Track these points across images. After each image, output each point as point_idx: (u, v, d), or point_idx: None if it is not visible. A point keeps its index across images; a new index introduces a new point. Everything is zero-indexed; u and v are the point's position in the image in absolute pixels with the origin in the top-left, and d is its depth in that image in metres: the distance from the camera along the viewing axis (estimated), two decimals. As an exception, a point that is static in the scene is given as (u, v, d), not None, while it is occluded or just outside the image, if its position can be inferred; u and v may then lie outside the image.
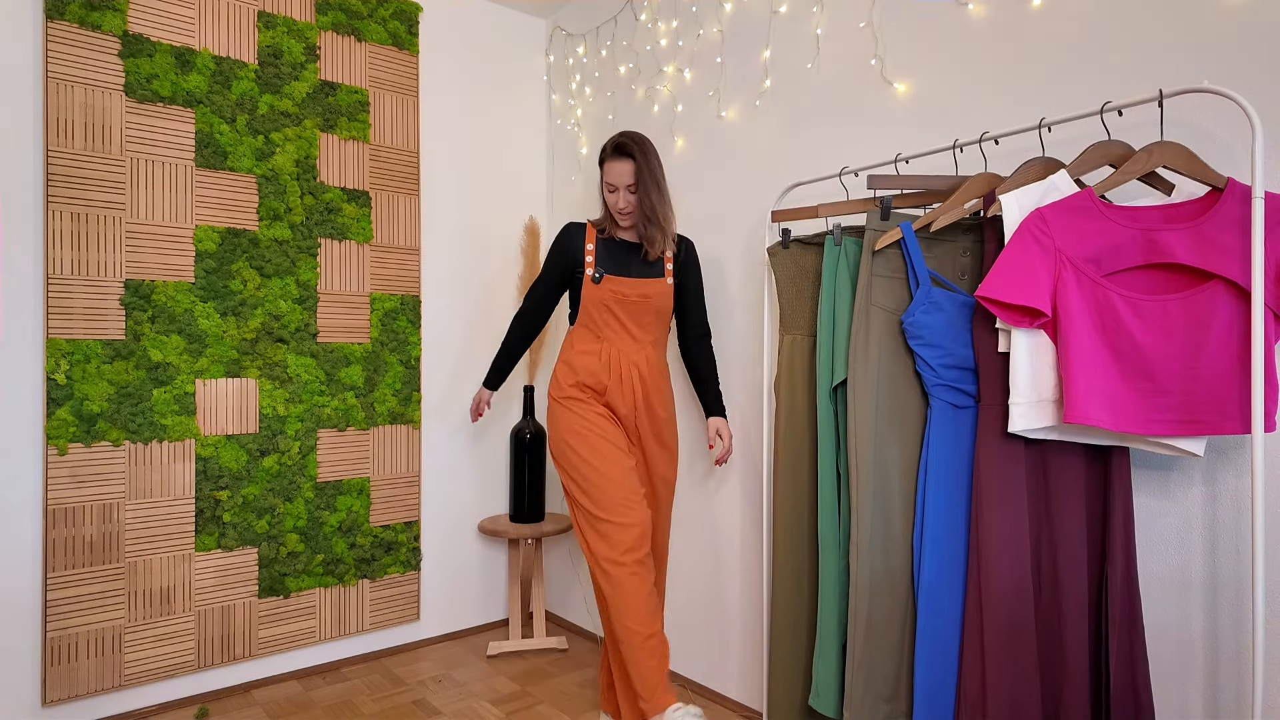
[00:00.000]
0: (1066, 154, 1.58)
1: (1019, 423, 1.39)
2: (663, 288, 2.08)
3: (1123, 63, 1.51)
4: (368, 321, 2.64)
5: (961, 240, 1.61)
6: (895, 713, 1.61)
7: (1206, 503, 1.42)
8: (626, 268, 2.08)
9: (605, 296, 2.04)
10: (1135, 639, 1.38)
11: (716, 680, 2.40)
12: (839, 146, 2.05)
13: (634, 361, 2.05)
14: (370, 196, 2.65)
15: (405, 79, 2.74)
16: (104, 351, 2.15)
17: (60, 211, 2.10)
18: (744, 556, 2.31)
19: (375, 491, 2.67)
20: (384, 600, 2.69)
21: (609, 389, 2.03)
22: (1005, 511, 1.45)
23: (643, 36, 2.71)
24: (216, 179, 2.35)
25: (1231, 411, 1.25)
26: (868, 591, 1.59)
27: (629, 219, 2.05)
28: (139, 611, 2.22)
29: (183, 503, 2.29)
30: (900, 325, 1.61)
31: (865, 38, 1.98)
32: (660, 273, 2.10)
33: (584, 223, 2.13)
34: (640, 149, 2.00)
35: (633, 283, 2.05)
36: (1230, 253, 1.24)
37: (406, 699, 2.37)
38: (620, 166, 2.00)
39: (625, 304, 2.05)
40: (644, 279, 2.07)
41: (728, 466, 2.36)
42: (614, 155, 2.02)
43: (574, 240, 2.11)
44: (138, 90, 2.21)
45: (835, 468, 1.72)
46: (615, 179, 2.01)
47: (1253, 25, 1.36)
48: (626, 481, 1.93)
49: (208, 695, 2.36)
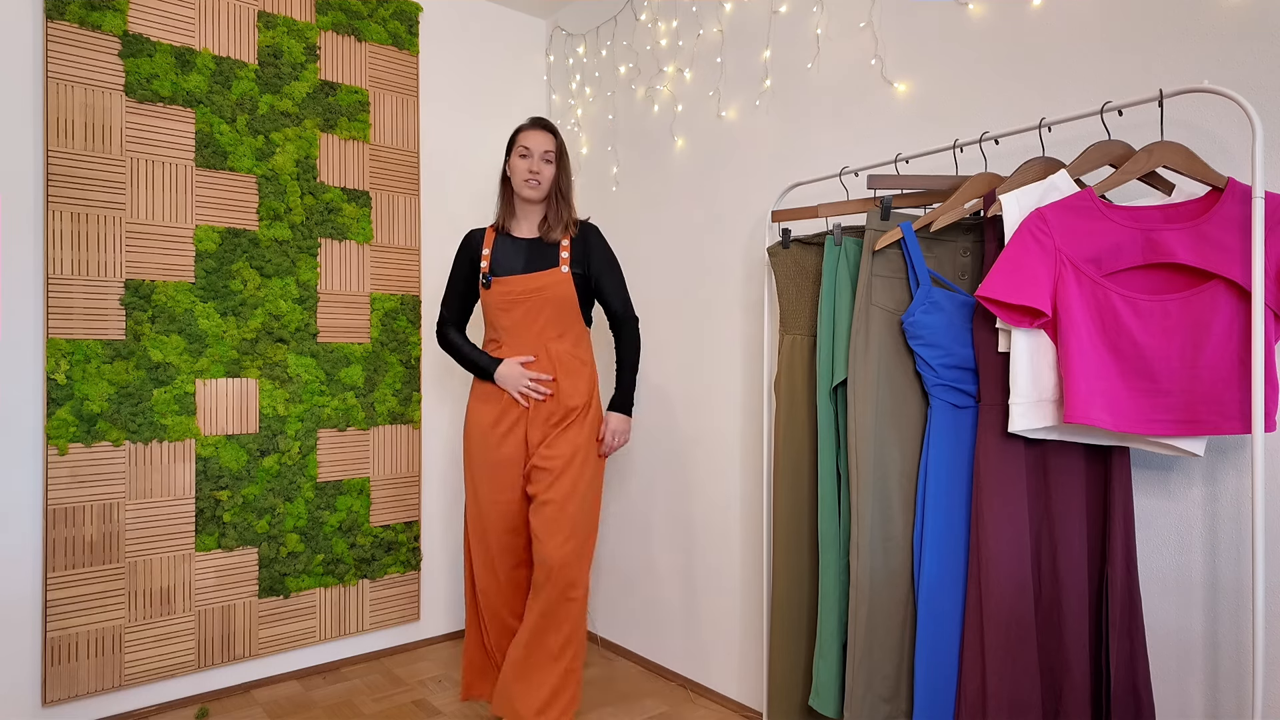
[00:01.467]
0: (1066, 154, 1.58)
1: (1019, 422, 1.39)
2: (557, 277, 2.01)
3: (1123, 63, 1.51)
4: (368, 321, 2.64)
5: (961, 240, 1.61)
6: (895, 713, 1.61)
7: (1206, 503, 1.42)
8: (517, 264, 2.05)
9: (495, 299, 2.03)
10: (1135, 639, 1.38)
11: (716, 680, 2.40)
12: (839, 146, 2.05)
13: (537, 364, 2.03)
14: (370, 196, 2.65)
15: (405, 79, 2.74)
16: (104, 351, 2.16)
17: (60, 211, 2.10)
18: (744, 556, 2.31)
19: (375, 491, 2.67)
20: (384, 600, 2.69)
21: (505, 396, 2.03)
22: (1005, 511, 1.45)
23: (643, 36, 2.71)
24: (216, 179, 2.35)
25: (1231, 411, 1.25)
26: (868, 591, 1.59)
27: (537, 190, 2.02)
28: (139, 611, 2.22)
29: (183, 503, 2.29)
30: (900, 325, 1.61)
31: (865, 38, 1.98)
32: (554, 262, 2.04)
33: (485, 228, 2.13)
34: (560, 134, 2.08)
35: (520, 279, 2.02)
36: (1230, 253, 1.24)
37: (406, 699, 2.37)
38: (540, 136, 2.03)
39: (516, 302, 2.02)
40: (534, 273, 2.02)
41: (728, 466, 2.36)
42: (535, 126, 2.05)
43: (473, 246, 2.10)
44: (138, 90, 2.21)
45: (835, 468, 1.72)
46: (533, 145, 2.01)
47: (1253, 25, 1.36)
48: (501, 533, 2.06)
49: (208, 695, 2.36)
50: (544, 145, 2.02)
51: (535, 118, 2.08)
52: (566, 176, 2.07)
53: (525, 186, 2.02)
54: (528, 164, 2.01)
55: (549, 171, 2.03)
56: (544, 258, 2.05)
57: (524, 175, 2.02)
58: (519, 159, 2.03)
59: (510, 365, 2.01)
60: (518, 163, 2.03)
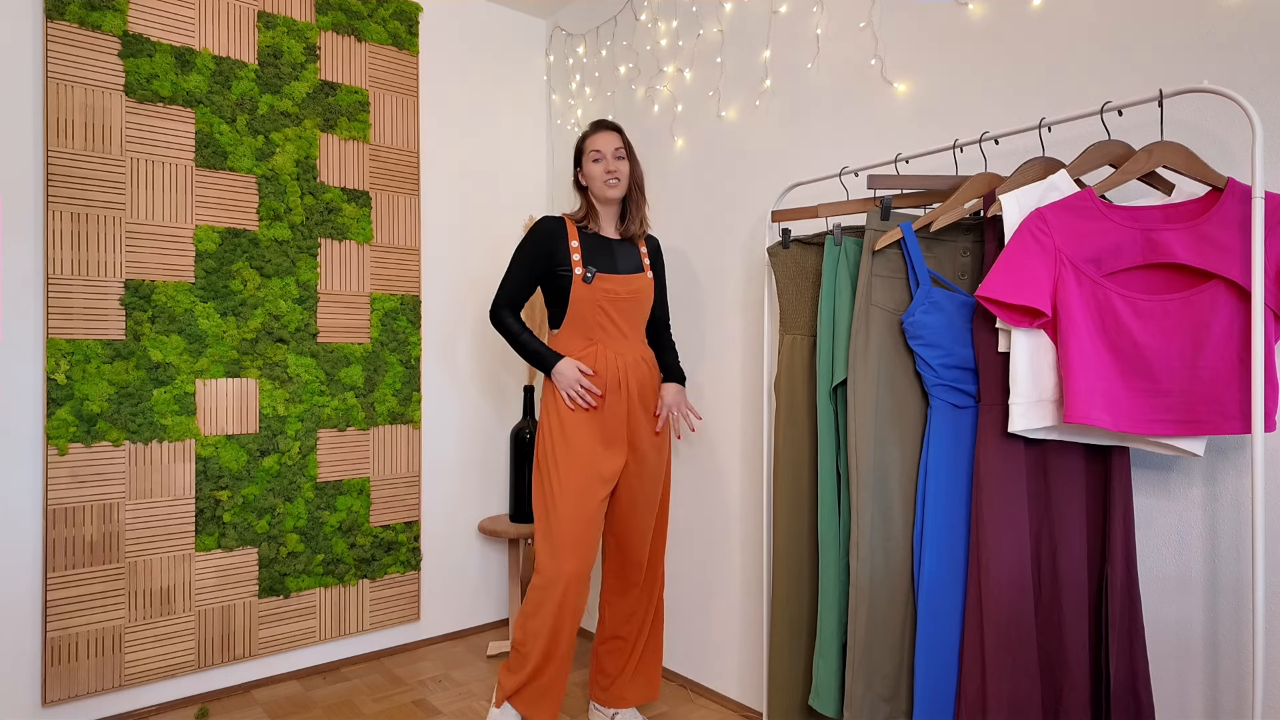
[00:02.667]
0: (1066, 154, 1.58)
1: (1019, 423, 1.39)
2: (646, 282, 2.05)
3: (1123, 63, 1.51)
4: (368, 321, 2.64)
5: (961, 240, 1.61)
6: (895, 713, 1.61)
7: (1206, 503, 1.42)
8: (613, 264, 2.05)
9: (599, 297, 1.98)
10: (1135, 639, 1.38)
11: (716, 680, 2.40)
12: (839, 146, 2.05)
13: (628, 361, 2.02)
14: (370, 196, 2.65)
15: (405, 79, 2.74)
16: (104, 351, 2.15)
17: (60, 211, 2.10)
18: (744, 556, 2.31)
19: (375, 491, 2.67)
20: (384, 600, 2.69)
21: (605, 394, 1.99)
22: (1005, 511, 1.45)
23: (643, 36, 2.71)
24: (216, 179, 2.35)
25: (1231, 411, 1.25)
26: (868, 591, 1.59)
27: (618, 188, 2.02)
28: (139, 611, 2.22)
29: (183, 503, 2.29)
30: (900, 325, 1.61)
31: (865, 38, 1.98)
32: (641, 267, 2.08)
33: (560, 217, 2.06)
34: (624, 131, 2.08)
35: (624, 279, 2.02)
36: (1230, 252, 1.24)
37: (406, 699, 2.37)
38: (608, 136, 2.04)
39: (618, 302, 2.01)
40: (631, 274, 2.04)
41: (728, 466, 2.36)
42: (600, 129, 2.05)
43: (555, 236, 2.00)
44: (138, 90, 2.21)
45: (835, 468, 1.72)
46: (603, 146, 2.02)
47: (1253, 25, 1.36)
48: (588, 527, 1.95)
49: (208, 695, 2.36)
50: (614, 144, 2.03)
51: (598, 121, 2.08)
52: (639, 170, 2.09)
53: (607, 188, 2.02)
54: (603, 165, 2.02)
55: (624, 168, 2.03)
56: (630, 259, 2.07)
57: (603, 177, 2.02)
58: (592, 163, 2.03)
59: (570, 364, 1.96)
60: (592, 167, 2.03)
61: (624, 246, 2.09)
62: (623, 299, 2.01)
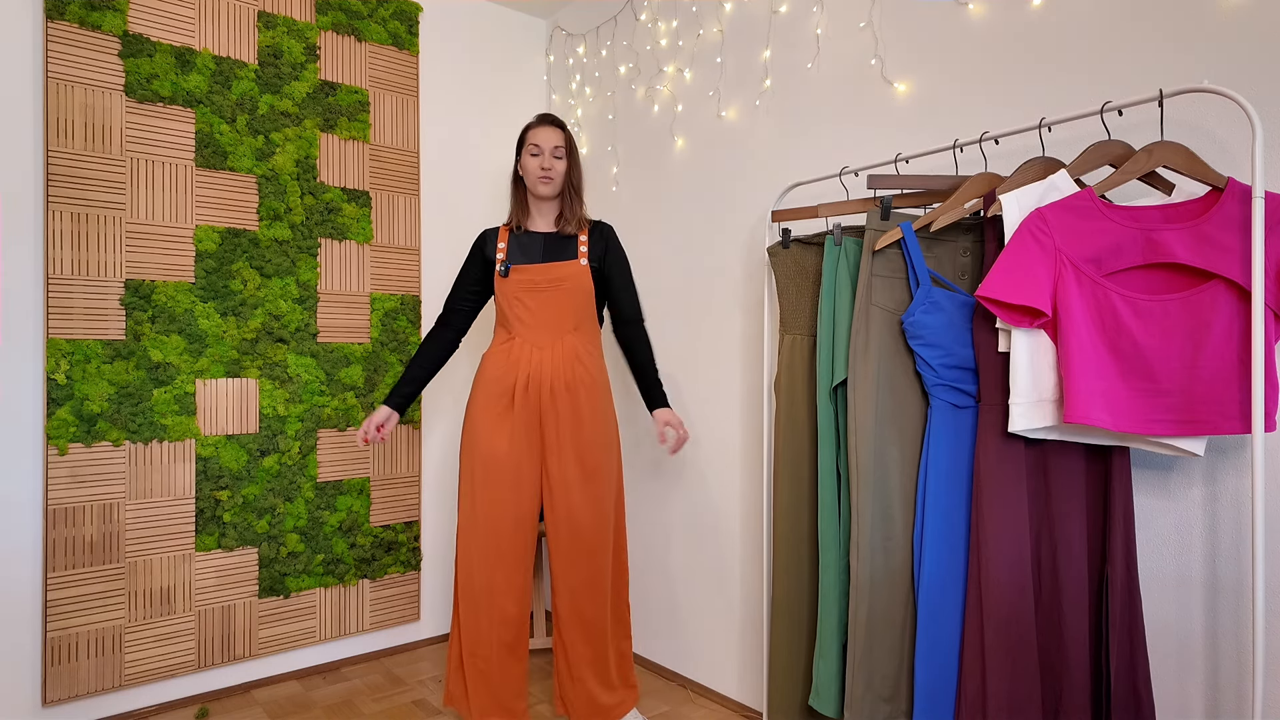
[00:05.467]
0: (1066, 154, 1.58)
1: (1019, 423, 1.39)
2: (577, 269, 2.02)
3: (1123, 63, 1.51)
4: (368, 321, 2.64)
5: (961, 240, 1.61)
6: (895, 713, 1.61)
7: (1206, 503, 1.42)
8: (535, 255, 2.05)
9: (513, 288, 2.01)
10: (1135, 639, 1.38)
11: (716, 680, 2.40)
12: (839, 146, 2.05)
13: (550, 358, 1.98)
14: (370, 196, 2.65)
15: (405, 79, 2.74)
16: (104, 351, 2.15)
17: (60, 211, 2.10)
18: (744, 556, 2.31)
19: (375, 491, 2.67)
20: (384, 600, 2.70)
21: (515, 388, 1.98)
22: (1005, 511, 1.45)
23: (643, 36, 2.71)
24: (216, 179, 2.35)
25: (1231, 411, 1.25)
26: (868, 591, 1.59)
27: (550, 186, 2.02)
28: (139, 611, 2.22)
29: (183, 503, 2.29)
30: (900, 325, 1.61)
31: (865, 38, 1.98)
32: (573, 255, 2.05)
33: (498, 226, 2.12)
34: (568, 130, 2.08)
35: (541, 267, 2.01)
36: (1230, 252, 1.24)
37: (406, 699, 2.37)
38: (550, 132, 2.03)
39: (536, 292, 2.00)
40: (555, 263, 2.02)
41: (728, 466, 2.36)
42: (543, 123, 2.05)
43: (487, 240, 2.09)
44: (138, 90, 2.21)
45: (835, 468, 1.72)
46: (543, 141, 2.02)
47: (1253, 25, 1.36)
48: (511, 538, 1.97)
49: (208, 695, 2.36)
50: (554, 141, 2.02)
51: (543, 114, 2.07)
52: (578, 171, 2.08)
53: (539, 183, 2.02)
54: (539, 161, 2.01)
55: (561, 167, 2.03)
56: (563, 250, 2.06)
57: (537, 172, 2.02)
58: (530, 157, 2.03)
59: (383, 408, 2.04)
60: (529, 161, 2.03)
61: (557, 239, 2.07)
62: (541, 288, 2.00)
